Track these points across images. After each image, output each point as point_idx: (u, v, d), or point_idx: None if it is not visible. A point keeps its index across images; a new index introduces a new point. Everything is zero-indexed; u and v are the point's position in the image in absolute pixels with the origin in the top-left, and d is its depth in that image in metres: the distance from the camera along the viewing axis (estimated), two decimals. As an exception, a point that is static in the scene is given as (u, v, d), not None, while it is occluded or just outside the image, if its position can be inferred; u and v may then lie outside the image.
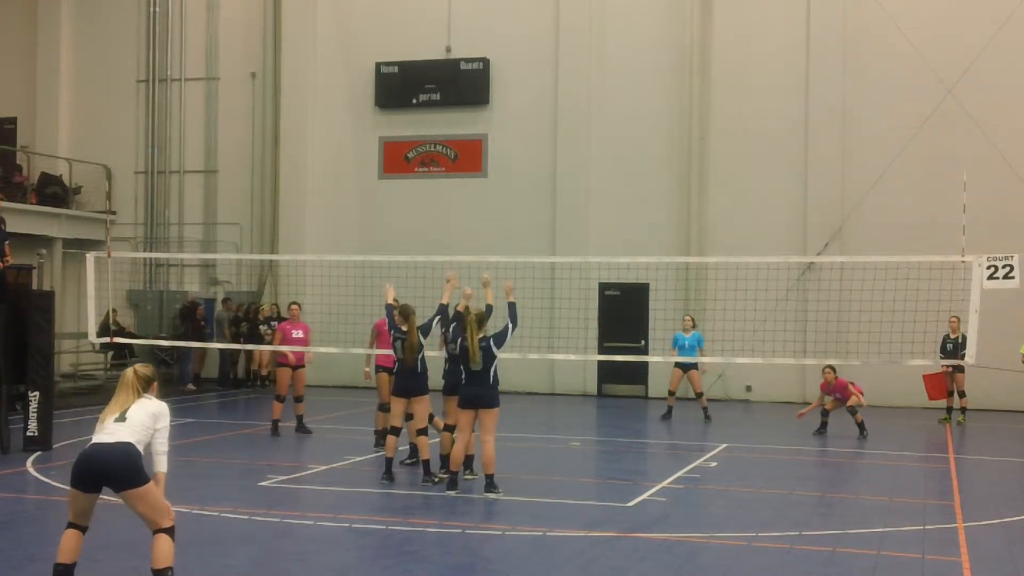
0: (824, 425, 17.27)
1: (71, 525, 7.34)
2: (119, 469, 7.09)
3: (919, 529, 10.30)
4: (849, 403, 16.91)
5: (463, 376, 11.72)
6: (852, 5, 22.44)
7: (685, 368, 19.29)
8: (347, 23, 25.60)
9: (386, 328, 14.47)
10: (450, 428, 12.37)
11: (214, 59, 26.49)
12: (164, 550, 7.20)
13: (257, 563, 8.79)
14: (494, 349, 11.61)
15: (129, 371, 7.48)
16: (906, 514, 11.12)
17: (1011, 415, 20.64)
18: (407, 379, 12.23)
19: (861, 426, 16.87)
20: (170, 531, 7.26)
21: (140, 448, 7.21)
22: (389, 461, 12.27)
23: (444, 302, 12.34)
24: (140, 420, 7.24)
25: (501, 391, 11.84)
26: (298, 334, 16.58)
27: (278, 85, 25.78)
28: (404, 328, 12.14)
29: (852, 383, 17.13)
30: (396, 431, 12.27)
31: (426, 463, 12.22)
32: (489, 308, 12.04)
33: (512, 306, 11.94)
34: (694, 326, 19.40)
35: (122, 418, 7.22)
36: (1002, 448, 16.52)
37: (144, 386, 7.43)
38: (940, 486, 13.08)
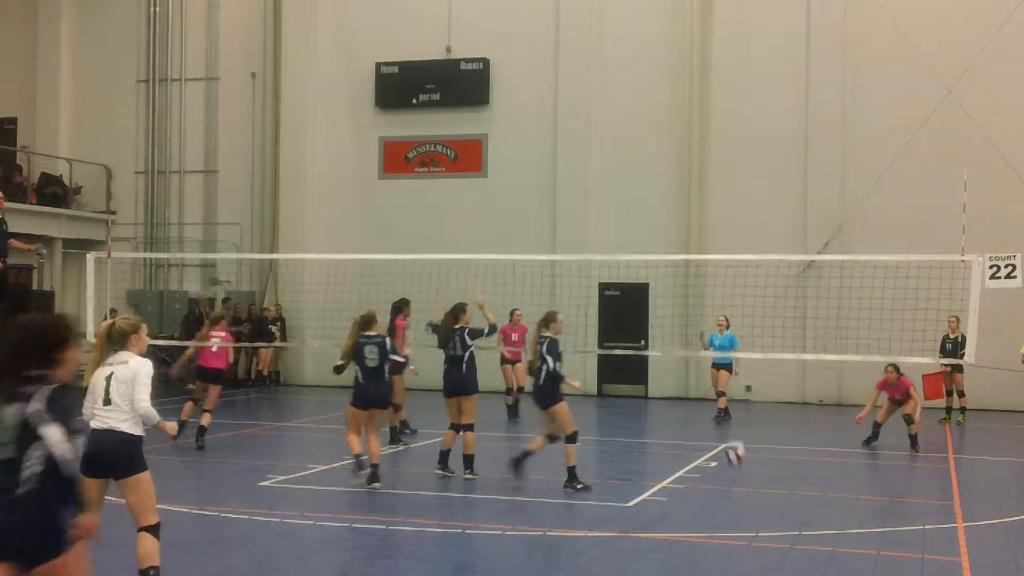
0: (876, 435, 15.96)
1: None
2: (118, 458, 7.08)
3: (919, 529, 10.30)
4: (906, 410, 15.76)
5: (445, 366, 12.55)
6: (852, 5, 22.45)
7: (719, 367, 19.17)
8: (347, 23, 25.60)
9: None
10: (454, 427, 12.57)
11: (214, 59, 26.51)
12: (149, 549, 7.16)
13: (257, 563, 8.78)
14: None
15: (103, 327, 7.27)
16: (906, 514, 11.12)
17: (1011, 415, 20.64)
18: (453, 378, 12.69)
19: (914, 440, 15.60)
20: (154, 529, 7.20)
21: (136, 431, 7.13)
22: (446, 453, 12.66)
23: (492, 322, 13.14)
24: (125, 394, 7.08)
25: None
26: (515, 337, 18.46)
27: (278, 85, 25.79)
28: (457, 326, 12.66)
29: (912, 385, 16.03)
30: (455, 427, 12.56)
31: (469, 458, 12.50)
32: (492, 327, 13.04)
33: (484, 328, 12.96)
34: (728, 326, 19.07)
35: (108, 401, 7.09)
36: (1002, 448, 16.52)
37: (121, 341, 7.21)
38: (940, 486, 13.09)
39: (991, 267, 13.15)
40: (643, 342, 22.81)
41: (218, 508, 10.59)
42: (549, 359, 11.89)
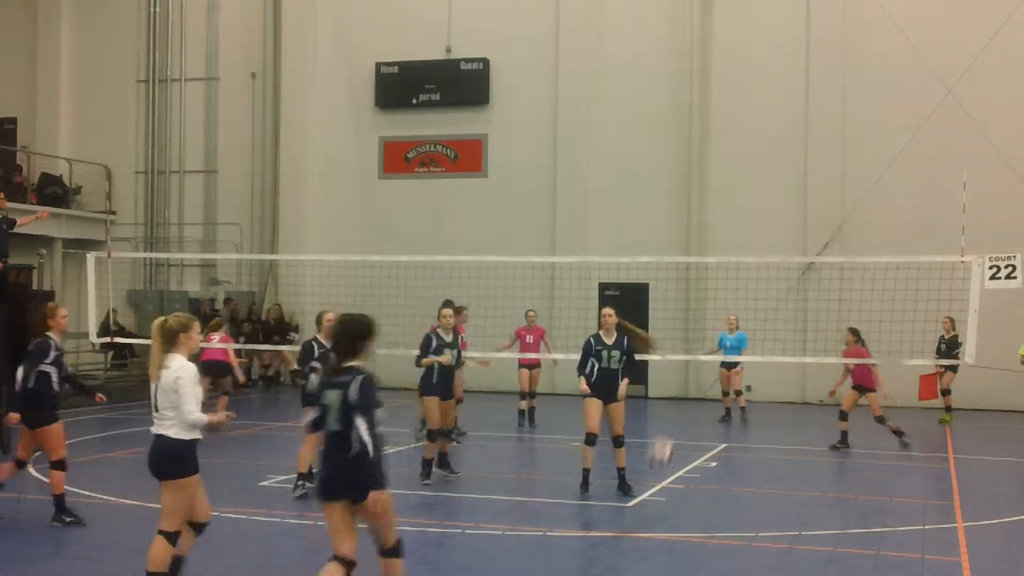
0: (844, 437, 15.67)
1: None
2: (165, 464, 7.12)
3: (919, 529, 10.30)
4: (874, 411, 15.66)
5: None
6: (852, 5, 22.46)
7: (730, 367, 19.08)
8: (347, 23, 25.61)
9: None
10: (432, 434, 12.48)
11: (214, 59, 26.50)
12: (158, 554, 7.15)
13: (257, 563, 8.79)
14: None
15: (155, 325, 7.24)
16: (906, 514, 11.13)
17: (1011, 415, 20.63)
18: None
19: (898, 433, 15.59)
20: (170, 536, 7.17)
21: (184, 435, 7.11)
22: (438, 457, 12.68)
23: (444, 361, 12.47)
24: (166, 403, 7.07)
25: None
26: (530, 340, 17.90)
27: (278, 85, 25.79)
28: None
29: (871, 371, 15.60)
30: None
31: (427, 462, 12.42)
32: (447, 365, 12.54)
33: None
34: (738, 326, 18.93)
35: (156, 407, 7.13)
36: (1002, 448, 16.52)
37: (170, 341, 7.14)
38: (940, 486, 13.09)
39: (991, 268, 13.17)
40: (643, 342, 22.78)
41: (218, 508, 10.54)
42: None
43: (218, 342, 16.38)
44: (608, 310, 11.84)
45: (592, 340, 11.68)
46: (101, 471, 13.14)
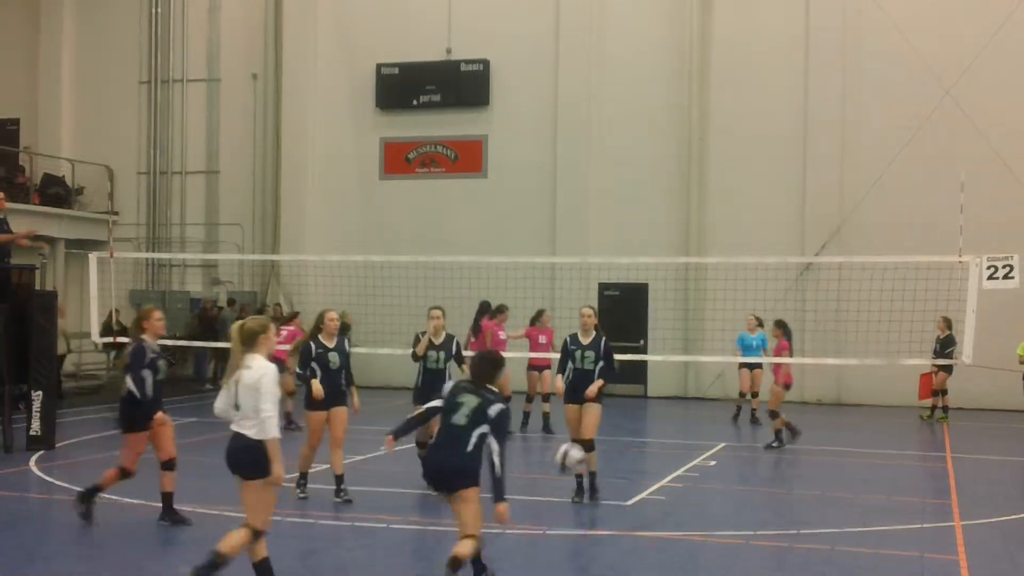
0: (789, 429, 15.56)
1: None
2: (244, 463, 7.25)
3: (917, 528, 10.35)
4: (771, 405, 15.55)
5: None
6: (852, 5, 22.49)
7: (752, 368, 18.90)
8: (348, 24, 25.66)
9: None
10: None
11: (215, 60, 26.56)
12: (233, 541, 7.25)
13: (259, 562, 8.82)
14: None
15: (235, 327, 7.35)
16: (904, 513, 11.17)
17: (1010, 415, 20.64)
18: None
19: (777, 434, 15.46)
20: (255, 533, 7.26)
21: (259, 436, 7.19)
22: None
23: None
24: (250, 404, 7.14)
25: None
26: (543, 340, 17.30)
27: (279, 86, 25.84)
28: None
29: (785, 362, 15.60)
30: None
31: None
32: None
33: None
34: (760, 325, 18.66)
35: (237, 406, 7.22)
36: (1001, 448, 16.55)
37: (250, 342, 7.24)
38: (938, 485, 13.14)
39: (989, 268, 13.23)
40: (642, 342, 22.86)
41: (219, 508, 10.63)
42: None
43: (283, 337, 16.24)
44: (586, 309, 11.48)
45: (568, 339, 11.39)
46: (102, 470, 13.19)
